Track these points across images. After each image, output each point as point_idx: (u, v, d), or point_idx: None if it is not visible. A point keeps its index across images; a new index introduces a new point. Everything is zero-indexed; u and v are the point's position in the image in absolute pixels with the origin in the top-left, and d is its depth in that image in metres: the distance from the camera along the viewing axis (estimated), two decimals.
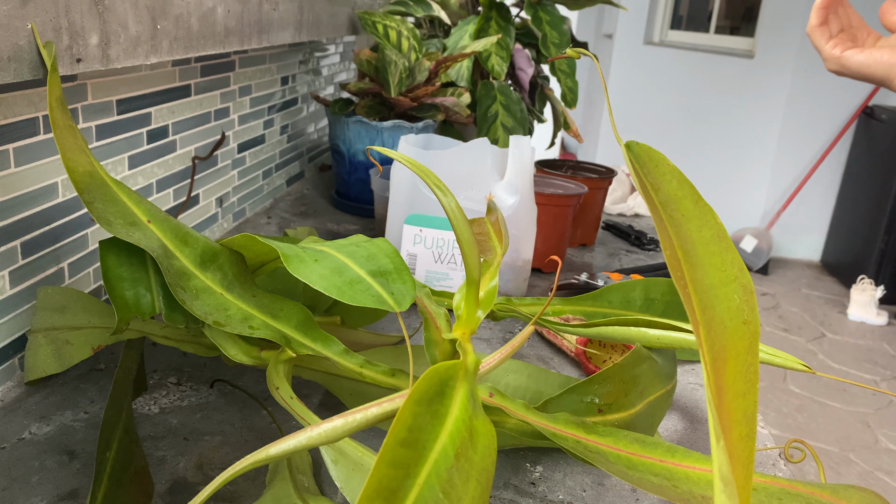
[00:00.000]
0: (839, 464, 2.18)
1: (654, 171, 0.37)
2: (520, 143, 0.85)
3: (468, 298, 0.50)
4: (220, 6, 0.75)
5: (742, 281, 0.34)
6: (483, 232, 0.64)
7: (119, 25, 0.58)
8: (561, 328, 0.56)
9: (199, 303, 0.52)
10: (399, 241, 0.86)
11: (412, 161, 0.50)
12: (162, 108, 0.80)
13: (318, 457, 0.55)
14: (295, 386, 0.65)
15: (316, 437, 0.39)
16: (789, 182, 3.80)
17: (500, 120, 1.16)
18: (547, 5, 1.23)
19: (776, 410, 2.46)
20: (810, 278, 3.69)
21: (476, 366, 0.45)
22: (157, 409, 0.60)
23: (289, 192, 1.25)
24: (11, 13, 0.47)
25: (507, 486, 0.54)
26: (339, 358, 0.53)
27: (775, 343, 2.96)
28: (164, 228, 0.55)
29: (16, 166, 0.59)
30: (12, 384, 0.61)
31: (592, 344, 0.72)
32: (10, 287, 0.59)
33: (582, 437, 0.46)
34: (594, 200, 1.08)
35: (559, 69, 1.26)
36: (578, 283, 0.91)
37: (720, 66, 3.81)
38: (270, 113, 1.13)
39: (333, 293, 0.46)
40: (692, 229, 0.35)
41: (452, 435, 0.34)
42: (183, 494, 0.50)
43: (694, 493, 0.40)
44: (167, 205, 0.85)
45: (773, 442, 0.63)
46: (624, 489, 0.55)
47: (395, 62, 1.09)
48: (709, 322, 0.33)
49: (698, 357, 0.74)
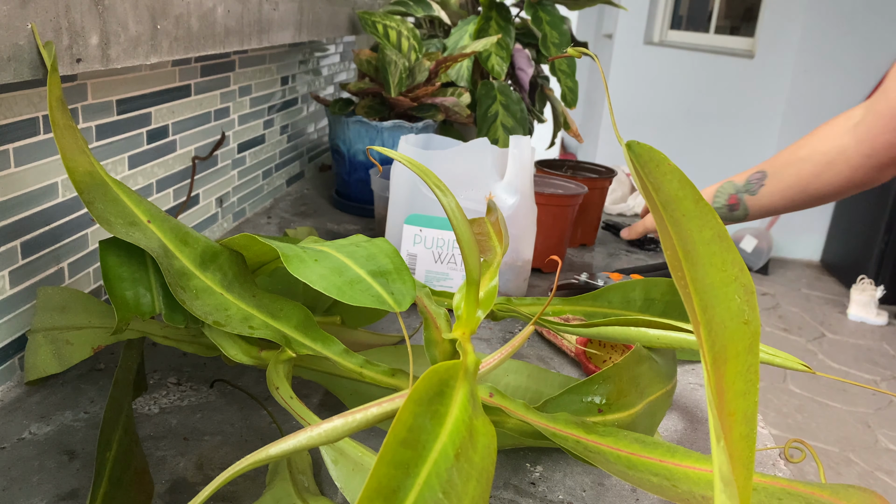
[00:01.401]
0: (839, 464, 2.18)
1: (655, 171, 0.37)
2: (520, 143, 0.85)
3: (468, 298, 0.50)
4: (220, 6, 0.75)
5: (742, 281, 0.34)
6: (483, 232, 0.63)
7: (119, 25, 0.58)
8: (561, 328, 0.56)
9: (199, 303, 0.52)
10: (399, 241, 0.86)
11: (412, 161, 0.50)
12: (162, 108, 0.80)
13: (318, 457, 0.55)
14: (295, 386, 0.65)
15: (316, 437, 0.39)
16: None
17: (500, 120, 1.16)
18: (547, 5, 1.23)
19: (776, 410, 2.46)
20: (810, 278, 3.69)
21: (476, 366, 0.45)
22: (157, 409, 0.60)
23: (289, 192, 1.25)
24: (11, 13, 0.47)
25: (507, 486, 0.54)
26: (339, 358, 0.53)
27: (775, 343, 2.96)
28: (164, 228, 0.55)
29: (16, 166, 0.58)
30: (12, 384, 0.61)
31: (592, 344, 0.72)
32: (10, 287, 0.59)
33: (582, 437, 0.46)
34: (594, 200, 1.08)
35: (559, 69, 1.26)
36: (578, 283, 0.91)
37: (720, 66, 3.81)
38: (270, 113, 1.13)
39: (333, 293, 0.46)
40: (693, 229, 0.35)
41: (452, 435, 0.34)
42: (183, 494, 0.50)
43: (694, 493, 0.40)
44: (167, 205, 0.85)
45: (773, 442, 0.63)
46: (624, 489, 0.55)
47: (395, 62, 1.09)
48: (709, 322, 0.33)
49: (698, 357, 0.74)
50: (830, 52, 3.53)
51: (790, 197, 0.92)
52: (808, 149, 0.89)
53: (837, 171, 0.85)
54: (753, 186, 0.95)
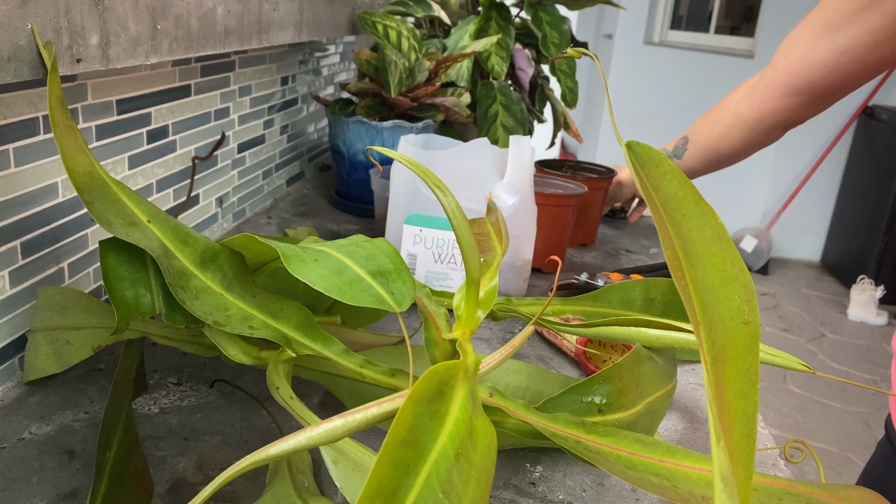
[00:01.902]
0: (839, 464, 2.18)
1: (655, 172, 0.37)
2: (520, 143, 0.85)
3: (468, 298, 0.50)
4: (220, 6, 0.75)
5: (742, 281, 0.34)
6: (483, 232, 0.64)
7: (119, 25, 0.58)
8: (561, 328, 0.56)
9: (199, 303, 0.52)
10: (399, 241, 0.86)
11: (412, 161, 0.50)
12: (162, 108, 0.80)
13: (318, 457, 0.55)
14: (295, 386, 0.65)
15: (316, 437, 0.39)
16: (789, 182, 3.80)
17: (500, 120, 1.16)
18: (547, 5, 1.23)
19: (776, 410, 2.46)
20: (810, 278, 3.69)
21: (476, 366, 0.45)
22: (157, 409, 0.60)
23: (289, 192, 1.25)
24: (11, 13, 0.47)
25: (507, 486, 0.54)
26: (339, 358, 0.53)
27: (775, 343, 2.96)
28: (164, 228, 0.55)
29: (16, 166, 0.59)
30: (12, 384, 0.61)
31: (592, 344, 0.72)
32: (10, 287, 0.59)
33: (582, 437, 0.46)
34: (594, 200, 1.08)
35: (559, 69, 1.26)
36: (578, 283, 0.91)
37: (720, 66, 3.81)
38: (270, 113, 1.13)
39: (333, 293, 0.46)
40: (693, 229, 0.35)
41: (452, 435, 0.34)
42: (183, 494, 0.50)
43: (694, 493, 0.40)
44: (167, 205, 0.85)
45: (773, 442, 0.63)
46: (624, 489, 0.55)
47: (395, 62, 1.09)
48: (709, 322, 0.33)
49: (698, 357, 0.74)
50: None
51: (707, 158, 1.04)
52: (717, 114, 1.01)
53: (737, 133, 0.97)
54: (680, 151, 1.07)
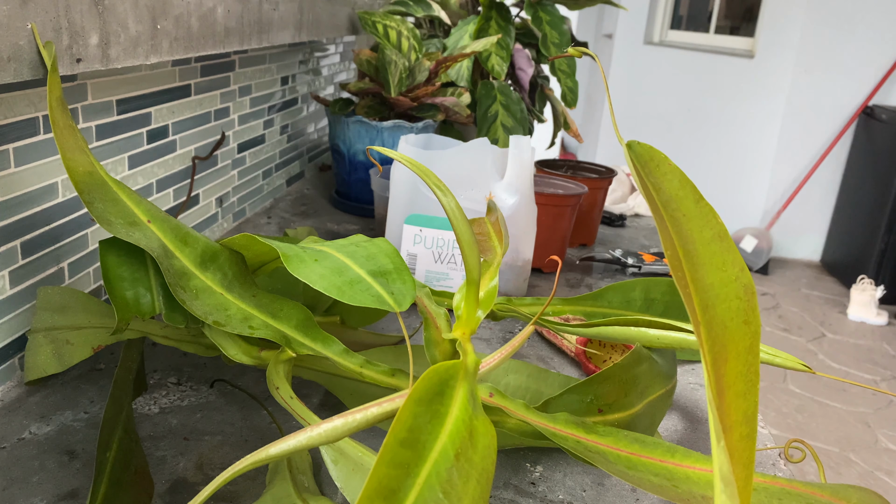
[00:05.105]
0: (839, 464, 2.18)
1: (656, 171, 0.37)
2: (520, 143, 0.85)
3: (468, 298, 0.50)
4: (220, 6, 0.75)
5: (743, 281, 0.34)
6: (483, 232, 0.63)
7: (119, 25, 0.58)
8: (561, 328, 0.56)
9: (199, 303, 0.52)
10: (399, 241, 0.86)
11: (412, 161, 0.50)
12: (162, 108, 0.80)
13: (318, 457, 0.55)
14: (295, 386, 0.65)
15: (316, 437, 0.39)
16: (789, 182, 3.80)
17: (500, 120, 1.16)
18: (547, 5, 1.23)
19: (776, 410, 2.46)
20: (810, 278, 3.69)
21: (476, 366, 0.45)
22: (157, 409, 0.60)
23: (289, 192, 1.25)
24: (11, 13, 0.47)
25: (507, 486, 0.54)
26: (339, 358, 0.53)
27: (775, 343, 2.96)
28: (164, 228, 0.55)
29: (16, 166, 0.58)
30: (12, 384, 0.61)
31: (592, 344, 0.72)
32: (10, 287, 0.59)
33: (582, 437, 0.46)
34: (594, 200, 1.08)
35: (559, 69, 1.26)
36: (605, 259, 0.91)
37: (720, 66, 3.81)
38: (270, 113, 1.13)
39: (333, 293, 0.46)
40: (693, 229, 0.35)
41: (452, 435, 0.34)
42: (183, 494, 0.50)
43: (694, 493, 0.40)
44: (167, 205, 0.85)
45: (773, 442, 0.63)
46: (624, 489, 0.55)
47: (395, 62, 1.09)
48: (709, 322, 0.33)
49: (698, 357, 0.74)
50: (830, 52, 3.53)
51: None
52: None
53: None
54: None
